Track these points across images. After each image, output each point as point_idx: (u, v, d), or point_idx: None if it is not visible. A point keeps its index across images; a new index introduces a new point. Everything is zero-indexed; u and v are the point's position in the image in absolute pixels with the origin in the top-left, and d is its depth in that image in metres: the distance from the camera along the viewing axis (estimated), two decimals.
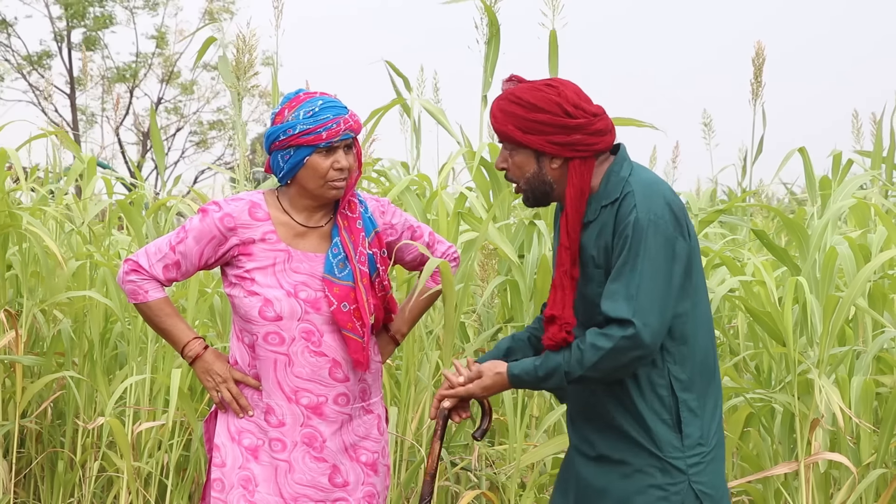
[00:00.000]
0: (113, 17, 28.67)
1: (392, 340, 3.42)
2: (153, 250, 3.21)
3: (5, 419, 5.16)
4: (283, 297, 3.14)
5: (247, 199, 3.21)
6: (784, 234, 5.87)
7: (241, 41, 4.60)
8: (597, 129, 2.94)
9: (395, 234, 3.36)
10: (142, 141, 28.18)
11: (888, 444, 4.18)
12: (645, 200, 2.87)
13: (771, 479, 4.27)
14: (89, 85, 26.03)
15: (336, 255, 3.18)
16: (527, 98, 2.94)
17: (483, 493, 4.46)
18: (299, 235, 3.20)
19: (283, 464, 3.18)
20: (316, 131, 3.11)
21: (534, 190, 3.00)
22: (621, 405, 2.93)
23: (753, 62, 4.96)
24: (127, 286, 3.22)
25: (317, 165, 3.13)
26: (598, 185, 2.97)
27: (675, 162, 7.30)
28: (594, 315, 2.92)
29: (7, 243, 5.17)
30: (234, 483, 3.16)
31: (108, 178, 5.72)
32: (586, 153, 2.94)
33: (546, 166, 2.96)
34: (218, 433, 3.24)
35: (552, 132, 2.92)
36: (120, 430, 4.71)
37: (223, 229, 3.17)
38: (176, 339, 3.27)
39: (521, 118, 2.94)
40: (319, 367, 3.17)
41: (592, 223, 2.95)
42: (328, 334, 3.18)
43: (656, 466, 2.91)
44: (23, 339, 5.05)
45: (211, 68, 28.22)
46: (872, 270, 4.07)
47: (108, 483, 5.26)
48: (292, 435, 3.19)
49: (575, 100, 2.94)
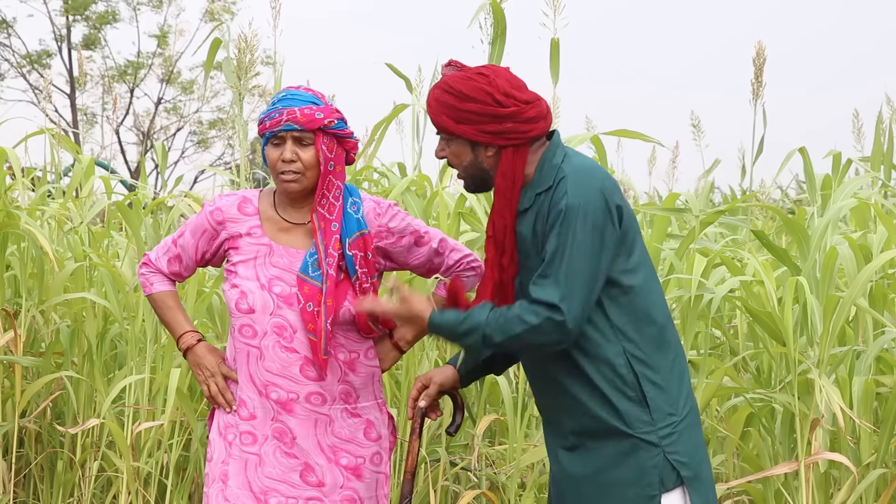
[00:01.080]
0: (116, 12, 28.66)
1: (395, 347, 3.35)
2: (161, 245, 3.36)
3: (4, 419, 5.16)
4: (256, 290, 3.17)
5: (239, 195, 3.29)
6: (784, 234, 5.87)
7: (243, 41, 4.60)
8: (528, 116, 2.94)
9: (392, 237, 3.30)
10: (142, 141, 28.16)
11: (888, 444, 4.18)
12: (576, 187, 2.87)
13: (771, 479, 4.27)
14: (89, 85, 26.05)
15: (312, 255, 3.19)
16: (458, 87, 2.94)
17: (483, 493, 4.46)
18: (283, 231, 3.23)
19: (253, 457, 3.18)
20: (264, 120, 3.19)
21: (472, 177, 3.01)
22: (586, 387, 2.93)
23: (754, 62, 4.95)
24: (140, 279, 3.38)
25: (268, 155, 3.20)
26: (532, 173, 2.97)
27: (675, 162, 7.29)
28: None
29: (6, 243, 5.17)
30: (216, 477, 3.20)
31: (108, 178, 5.72)
32: (519, 141, 2.95)
33: (481, 155, 2.97)
34: (211, 428, 3.28)
35: (483, 121, 2.93)
36: (117, 430, 4.70)
37: (213, 223, 3.25)
38: (173, 330, 3.36)
39: (453, 108, 2.94)
40: (290, 364, 3.17)
41: (528, 211, 2.95)
42: (300, 331, 3.17)
43: (629, 444, 2.91)
44: (22, 338, 5.05)
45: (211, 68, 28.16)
46: (873, 271, 4.07)
47: (108, 483, 5.26)
48: (263, 428, 3.20)
49: (506, 88, 2.94)
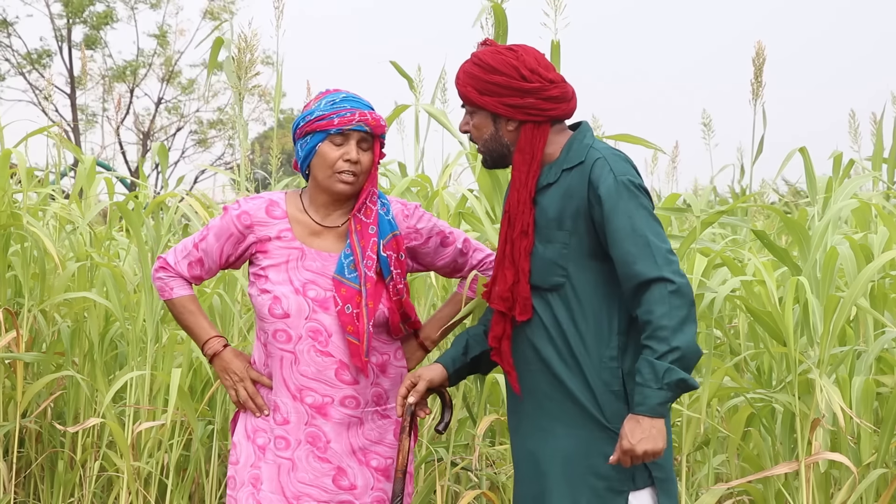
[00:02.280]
0: (114, 13, 28.65)
1: (421, 347, 3.40)
2: (180, 248, 3.29)
3: (5, 419, 5.16)
4: (290, 294, 3.15)
5: (266, 198, 3.25)
6: (784, 234, 5.87)
7: (243, 41, 4.60)
8: (551, 95, 3.01)
9: (420, 238, 3.34)
10: (142, 141, 28.16)
11: (888, 443, 4.18)
12: (617, 164, 2.95)
13: (771, 479, 4.27)
14: (89, 84, 26.04)
15: (348, 256, 3.19)
16: (486, 60, 3.03)
17: (483, 493, 4.46)
18: (315, 234, 3.22)
19: (287, 462, 3.18)
20: (329, 117, 3.16)
21: (491, 152, 3.08)
22: (575, 374, 2.97)
23: (754, 62, 4.96)
24: (156, 283, 3.30)
25: (326, 153, 3.16)
26: (557, 152, 3.03)
27: (675, 162, 7.29)
28: (552, 276, 2.98)
29: (8, 243, 5.17)
30: (245, 480, 3.18)
31: (110, 179, 5.73)
32: (539, 118, 3.01)
33: (502, 128, 3.04)
34: (236, 431, 3.26)
35: (506, 94, 3.00)
36: (118, 430, 4.70)
37: (240, 227, 3.21)
38: (197, 336, 3.31)
39: (479, 79, 3.03)
40: (325, 368, 3.17)
41: (553, 186, 3.00)
42: (336, 335, 3.18)
43: (604, 437, 2.96)
44: (24, 338, 5.05)
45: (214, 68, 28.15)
46: (874, 271, 4.07)
47: (108, 483, 5.26)
48: (296, 433, 3.18)
49: (532, 65, 3.02)
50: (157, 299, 4.86)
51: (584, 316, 2.96)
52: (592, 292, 2.97)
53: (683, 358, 2.83)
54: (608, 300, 2.97)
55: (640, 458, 2.85)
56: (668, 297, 2.84)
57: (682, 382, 2.83)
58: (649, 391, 2.83)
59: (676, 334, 2.82)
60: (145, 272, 4.82)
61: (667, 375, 2.82)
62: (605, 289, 2.97)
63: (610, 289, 2.96)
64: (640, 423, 2.84)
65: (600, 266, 2.97)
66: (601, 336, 2.96)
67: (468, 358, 3.24)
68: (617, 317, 2.97)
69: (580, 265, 2.97)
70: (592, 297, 2.97)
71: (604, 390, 2.95)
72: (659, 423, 2.85)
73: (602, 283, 2.97)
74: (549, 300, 3.00)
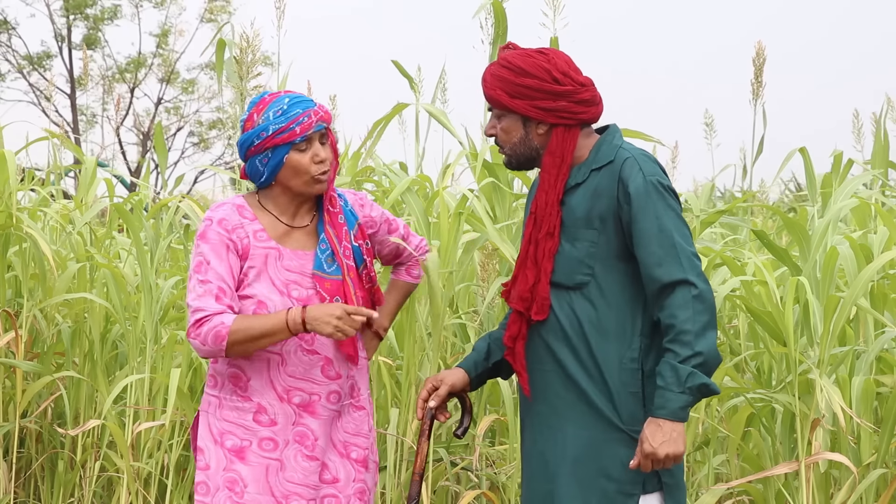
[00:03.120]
0: (118, 9, 28.62)
1: (376, 336, 3.42)
2: (196, 302, 3.07)
3: (5, 420, 5.16)
4: (275, 297, 3.13)
5: (230, 203, 3.20)
6: (784, 233, 5.88)
7: (245, 41, 4.60)
8: (583, 98, 3.01)
9: (375, 226, 3.37)
10: (142, 141, 28.16)
11: (888, 444, 4.18)
12: (647, 164, 2.96)
13: (771, 479, 4.27)
14: (90, 85, 26.03)
15: (324, 251, 3.18)
16: (517, 63, 3.01)
17: (483, 493, 4.46)
18: (286, 234, 3.20)
19: (275, 462, 3.17)
20: (289, 128, 3.11)
21: (519, 155, 3.06)
22: (593, 375, 2.96)
23: (754, 62, 4.96)
24: (209, 337, 3.03)
25: (297, 162, 3.13)
26: (586, 154, 3.04)
27: (675, 162, 7.29)
28: (577, 274, 2.98)
29: (8, 244, 5.17)
30: (220, 485, 3.15)
31: (109, 180, 5.73)
32: (571, 121, 3.01)
33: (532, 132, 3.03)
34: (200, 436, 3.21)
35: (538, 97, 2.99)
36: (118, 430, 4.70)
37: (226, 234, 3.13)
38: (276, 325, 3.05)
39: (509, 82, 3.01)
40: (312, 366, 3.17)
41: (581, 186, 3.00)
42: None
43: (618, 438, 2.95)
44: (23, 339, 5.05)
45: (209, 69, 28.18)
46: (875, 271, 4.07)
47: (109, 483, 5.26)
48: (284, 434, 3.18)
49: (564, 68, 3.01)
50: (156, 299, 4.86)
51: (607, 316, 2.96)
52: (618, 292, 2.96)
53: (705, 363, 2.84)
54: (632, 301, 2.96)
55: (661, 462, 2.85)
56: (692, 302, 2.84)
57: (704, 387, 2.84)
58: (671, 395, 2.83)
59: (699, 339, 2.83)
60: (144, 273, 4.82)
61: (689, 379, 2.82)
62: (631, 290, 2.96)
63: (635, 290, 2.96)
64: (661, 426, 2.84)
65: (626, 267, 2.96)
66: (623, 337, 2.95)
67: (490, 363, 3.23)
68: (640, 318, 2.96)
69: (607, 265, 2.97)
70: (618, 297, 2.96)
71: (622, 391, 2.94)
72: (679, 427, 2.85)
73: (628, 284, 2.96)
74: (571, 299, 2.99)
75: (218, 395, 3.21)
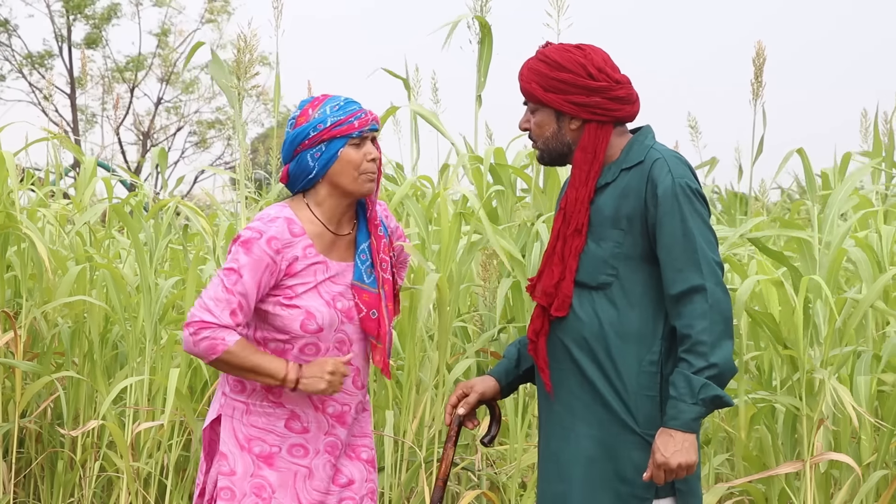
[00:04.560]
0: (119, 8, 28.59)
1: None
2: (212, 303, 3.04)
3: (5, 420, 5.15)
4: (323, 308, 3.09)
5: (282, 217, 3.11)
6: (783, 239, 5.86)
7: (242, 41, 4.59)
8: (617, 95, 2.99)
9: (395, 236, 3.37)
10: (142, 141, 28.15)
11: (888, 444, 4.18)
12: (677, 166, 2.94)
13: (775, 478, 4.27)
14: (89, 85, 26.04)
15: (364, 262, 3.16)
16: (554, 57, 3.00)
17: (484, 493, 4.46)
18: (331, 244, 3.16)
19: (304, 469, 3.16)
20: (348, 121, 3.10)
21: (551, 151, 3.04)
22: (611, 377, 2.94)
23: (754, 62, 4.96)
24: (202, 344, 3.02)
25: (351, 157, 3.10)
26: (617, 153, 3.01)
27: None
28: (601, 274, 2.95)
29: (7, 244, 5.17)
30: (247, 491, 3.12)
31: (109, 180, 5.72)
32: (604, 118, 2.99)
33: (565, 127, 3.01)
34: (224, 441, 3.16)
35: (572, 92, 2.97)
36: (117, 431, 4.70)
37: (272, 254, 3.06)
38: (272, 370, 3.06)
39: (544, 76, 2.99)
40: (348, 378, 3.17)
41: (611, 185, 2.98)
42: (356, 343, 3.16)
43: (633, 441, 2.93)
44: (22, 339, 5.04)
45: (207, 70, 28.20)
46: (890, 276, 4.06)
47: (108, 483, 5.25)
48: (315, 442, 3.16)
49: (600, 63, 2.99)
50: (156, 300, 4.86)
51: (629, 318, 2.93)
52: (642, 294, 2.93)
53: (720, 375, 2.83)
54: (656, 304, 2.93)
55: (674, 471, 2.84)
56: (709, 312, 2.83)
57: (718, 399, 2.83)
58: (684, 406, 2.82)
59: (715, 350, 2.82)
60: (144, 273, 4.82)
61: (703, 391, 2.81)
62: (655, 293, 2.93)
63: (659, 293, 2.93)
64: (672, 436, 2.83)
65: (652, 269, 2.93)
66: (644, 339, 2.93)
67: (521, 370, 3.21)
68: (663, 322, 2.93)
69: (632, 266, 2.94)
70: (641, 299, 2.93)
71: (639, 394, 2.91)
72: (691, 438, 2.84)
73: (652, 286, 2.93)
74: (594, 299, 2.97)
75: (246, 400, 3.15)
